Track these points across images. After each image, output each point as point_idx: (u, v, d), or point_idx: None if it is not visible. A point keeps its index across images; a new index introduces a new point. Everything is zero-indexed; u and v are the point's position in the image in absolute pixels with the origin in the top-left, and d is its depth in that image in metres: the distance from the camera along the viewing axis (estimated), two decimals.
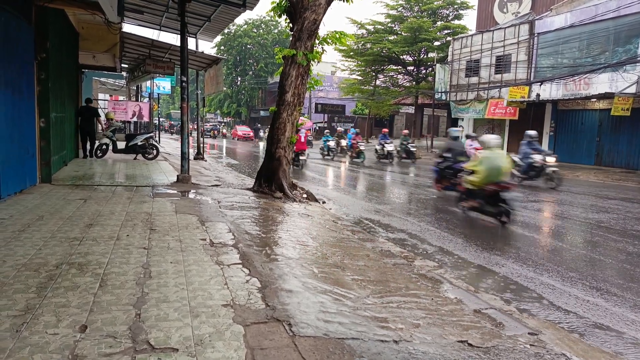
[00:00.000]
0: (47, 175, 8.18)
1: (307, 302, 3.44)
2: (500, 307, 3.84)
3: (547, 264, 5.49)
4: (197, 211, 6.46)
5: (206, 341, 2.68)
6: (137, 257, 4.13)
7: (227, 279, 3.74)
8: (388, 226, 7.32)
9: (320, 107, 42.98)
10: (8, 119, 6.49)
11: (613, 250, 6.31)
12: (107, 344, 2.57)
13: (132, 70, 19.14)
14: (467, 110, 25.67)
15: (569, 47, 20.50)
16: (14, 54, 6.71)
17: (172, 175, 10.18)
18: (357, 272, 4.36)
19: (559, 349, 3.06)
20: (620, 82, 17.72)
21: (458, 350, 2.90)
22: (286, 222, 6.54)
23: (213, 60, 14.94)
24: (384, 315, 3.35)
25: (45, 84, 7.90)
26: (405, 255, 5.36)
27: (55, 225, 5.17)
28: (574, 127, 21.74)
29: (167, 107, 76.45)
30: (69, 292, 3.25)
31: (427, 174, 14.85)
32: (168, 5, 10.23)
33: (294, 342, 2.79)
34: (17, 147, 6.90)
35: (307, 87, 9.12)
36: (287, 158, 8.88)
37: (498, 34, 23.93)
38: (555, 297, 4.41)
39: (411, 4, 33.04)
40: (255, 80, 54.15)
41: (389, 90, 34.74)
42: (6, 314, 2.87)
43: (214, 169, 14.08)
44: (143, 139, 13.89)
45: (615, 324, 3.84)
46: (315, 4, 8.50)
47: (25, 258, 3.95)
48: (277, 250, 4.88)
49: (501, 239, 6.88)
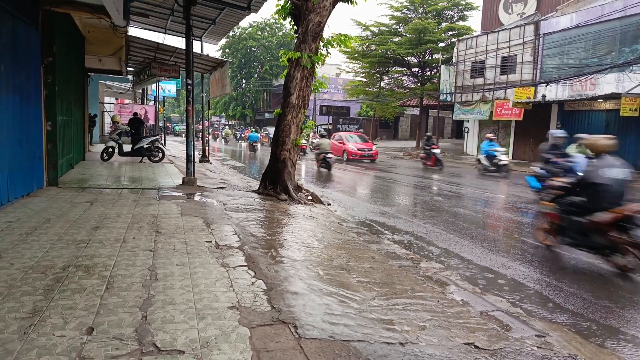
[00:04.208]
0: (54, 178, 8.23)
1: (313, 304, 3.43)
2: (506, 309, 3.82)
3: (552, 266, 5.44)
4: (203, 213, 6.47)
5: (212, 343, 2.68)
6: (143, 260, 4.15)
7: (233, 281, 3.74)
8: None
9: (325, 109, 42.95)
10: (16, 122, 6.54)
11: None
12: (114, 346, 2.58)
13: (138, 73, 19.26)
14: (471, 111, 25.57)
15: (574, 47, 20.38)
16: (21, 58, 6.77)
17: (178, 177, 10.22)
18: (363, 274, 4.35)
19: (567, 351, 3.04)
20: (627, 83, 17.59)
21: (464, 352, 2.88)
22: (291, 224, 6.54)
23: (218, 63, 15.00)
24: (390, 317, 3.34)
25: (52, 87, 7.96)
26: (410, 257, 5.34)
27: (62, 227, 5.20)
28: (580, 127, 21.56)
29: (173, 110, 76.80)
30: (76, 295, 3.27)
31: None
32: (173, 9, 10.29)
33: (300, 345, 2.78)
34: (24, 151, 6.95)
35: (312, 89, 9.13)
36: (292, 160, 8.89)
37: (503, 34, 23.85)
38: (562, 299, 4.38)
39: (416, 6, 32.98)
40: (260, 83, 54.28)
41: (394, 92, 34.67)
42: (14, 316, 2.88)
43: (220, 171, 14.12)
44: (149, 142, 13.96)
45: (624, 326, 3.80)
46: (320, 6, 8.52)
47: (32, 260, 3.97)
48: (282, 252, 4.88)
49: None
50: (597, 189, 5.19)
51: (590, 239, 5.29)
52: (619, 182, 5.15)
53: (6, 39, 6.12)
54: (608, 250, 5.17)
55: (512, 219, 8.40)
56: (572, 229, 5.54)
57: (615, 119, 19.53)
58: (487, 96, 24.47)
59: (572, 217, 5.54)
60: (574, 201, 5.57)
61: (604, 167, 5.20)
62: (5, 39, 6.10)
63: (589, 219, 5.25)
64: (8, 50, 6.20)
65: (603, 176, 5.15)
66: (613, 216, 5.02)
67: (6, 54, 6.12)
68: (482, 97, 24.76)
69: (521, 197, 10.97)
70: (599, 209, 5.16)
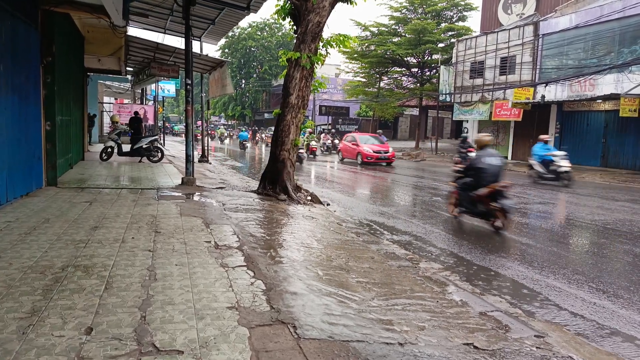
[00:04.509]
0: (53, 178, 8.23)
1: (312, 305, 3.43)
2: (505, 309, 3.82)
3: (552, 266, 5.45)
4: (202, 214, 6.47)
5: (211, 343, 2.68)
6: (142, 260, 4.14)
7: (232, 282, 3.74)
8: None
9: (324, 109, 42.98)
10: (15, 122, 6.53)
11: (620, 252, 6.27)
12: (113, 346, 2.58)
13: (137, 73, 19.26)
14: (470, 112, 25.59)
15: (574, 48, 20.41)
16: (21, 58, 6.76)
17: (177, 177, 10.21)
18: (362, 275, 4.35)
19: (566, 352, 3.04)
20: (626, 83, 17.62)
21: (464, 352, 2.88)
22: (291, 224, 6.54)
23: (217, 63, 15.00)
24: (389, 317, 3.34)
25: (51, 87, 7.96)
26: (410, 257, 5.34)
27: (61, 227, 5.19)
28: (579, 128, 21.64)
29: (172, 110, 76.80)
30: (75, 295, 3.27)
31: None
32: (173, 9, 10.29)
33: (299, 345, 2.78)
34: (23, 150, 6.94)
35: (311, 89, 9.14)
36: (292, 160, 8.89)
37: (502, 35, 23.87)
38: (561, 299, 4.38)
39: (415, 6, 33.00)
40: (260, 83, 54.30)
41: (393, 92, 34.69)
42: (12, 316, 2.88)
43: (219, 171, 14.11)
44: (148, 142, 13.95)
45: (622, 327, 3.81)
46: (319, 7, 8.52)
47: (31, 260, 3.97)
48: (281, 252, 4.88)
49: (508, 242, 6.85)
50: (479, 172, 7.12)
51: (477, 208, 7.30)
52: (494, 167, 7.07)
53: (5, 38, 6.11)
54: (488, 215, 7.15)
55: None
56: (465, 201, 7.58)
57: (614, 119, 19.57)
58: (486, 96, 24.50)
59: (465, 192, 7.51)
60: (466, 181, 7.52)
61: (485, 157, 7.17)
62: (5, 39, 6.09)
63: (474, 193, 7.21)
64: (7, 50, 6.20)
65: (484, 163, 7.09)
66: (488, 190, 6.98)
67: (5, 53, 6.11)
68: (482, 98, 24.78)
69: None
70: (481, 186, 7.08)
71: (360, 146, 20.79)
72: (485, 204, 7.07)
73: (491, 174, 7.05)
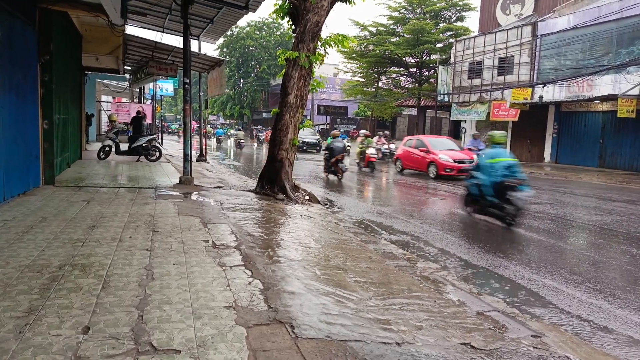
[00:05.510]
0: (50, 177, 8.20)
1: (310, 304, 3.43)
2: (503, 309, 3.83)
3: (549, 266, 5.47)
4: (200, 213, 6.46)
5: (208, 343, 2.68)
6: (139, 259, 4.14)
7: (230, 281, 3.74)
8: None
9: (322, 108, 43.03)
10: (12, 121, 6.51)
11: (617, 252, 6.29)
12: (110, 345, 2.57)
13: (135, 72, 19.22)
14: (468, 112, 25.64)
15: (571, 48, 20.46)
16: (18, 56, 6.74)
17: (175, 177, 10.20)
18: (360, 274, 4.35)
19: (562, 352, 3.05)
20: (624, 84, 17.67)
21: (461, 352, 2.89)
22: (288, 223, 6.54)
23: (216, 62, 14.98)
24: (386, 317, 3.34)
25: (49, 86, 7.93)
26: (407, 257, 5.35)
27: (58, 226, 5.18)
28: (577, 129, 21.69)
29: (170, 109, 76.68)
30: (72, 294, 3.26)
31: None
32: (171, 8, 10.27)
33: (297, 344, 2.78)
34: (20, 149, 6.92)
35: (310, 88, 9.14)
36: (290, 160, 8.89)
37: (501, 35, 23.91)
38: (558, 299, 4.39)
39: (413, 6, 33.04)
40: (258, 82, 54.24)
41: (392, 92, 34.73)
42: (9, 315, 2.87)
43: (217, 170, 14.10)
44: (146, 141, 13.93)
45: (619, 327, 3.82)
46: (318, 6, 8.52)
47: (28, 259, 3.96)
48: (279, 252, 4.88)
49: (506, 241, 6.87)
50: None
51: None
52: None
53: (3, 37, 6.09)
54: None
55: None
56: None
57: (612, 120, 19.63)
58: (484, 97, 24.53)
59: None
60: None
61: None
62: (2, 37, 6.07)
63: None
64: (5, 49, 6.18)
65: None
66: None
67: (3, 52, 6.09)
68: (480, 98, 24.82)
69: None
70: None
71: (434, 154, 15.60)
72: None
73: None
